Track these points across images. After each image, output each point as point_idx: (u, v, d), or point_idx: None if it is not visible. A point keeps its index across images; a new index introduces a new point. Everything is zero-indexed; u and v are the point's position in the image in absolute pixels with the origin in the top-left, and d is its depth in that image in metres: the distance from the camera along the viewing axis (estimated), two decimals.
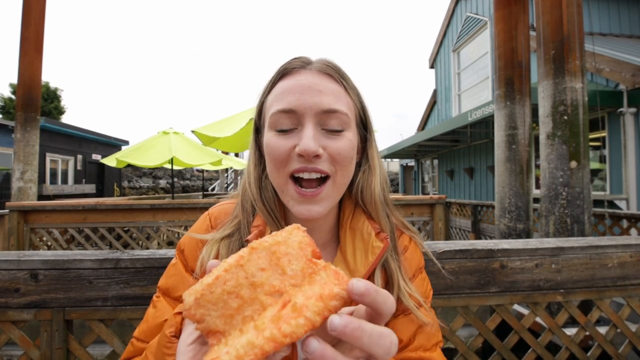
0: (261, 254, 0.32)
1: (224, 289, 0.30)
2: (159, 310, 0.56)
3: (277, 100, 0.55)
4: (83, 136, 14.73)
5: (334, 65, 0.58)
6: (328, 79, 0.56)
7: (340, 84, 0.56)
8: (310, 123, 0.53)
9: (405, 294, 0.57)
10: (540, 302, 1.11)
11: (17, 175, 4.50)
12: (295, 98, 0.53)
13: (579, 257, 1.12)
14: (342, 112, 0.54)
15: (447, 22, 10.97)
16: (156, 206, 3.76)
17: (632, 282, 1.14)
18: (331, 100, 0.54)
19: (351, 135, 0.56)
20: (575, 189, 2.68)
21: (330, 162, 0.54)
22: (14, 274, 0.95)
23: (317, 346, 0.28)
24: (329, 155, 0.53)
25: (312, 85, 0.54)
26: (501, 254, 1.08)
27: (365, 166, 0.62)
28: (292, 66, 0.57)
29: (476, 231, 5.64)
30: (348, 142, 0.55)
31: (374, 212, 0.60)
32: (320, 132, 0.54)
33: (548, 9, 2.85)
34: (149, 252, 1.01)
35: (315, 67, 0.56)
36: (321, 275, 0.31)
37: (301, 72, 0.55)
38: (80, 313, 0.97)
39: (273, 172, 0.56)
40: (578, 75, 2.73)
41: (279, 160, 0.54)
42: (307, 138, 0.51)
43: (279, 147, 0.53)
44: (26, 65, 4.65)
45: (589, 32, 6.91)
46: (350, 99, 0.57)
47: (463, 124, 7.09)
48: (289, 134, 0.54)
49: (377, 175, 0.61)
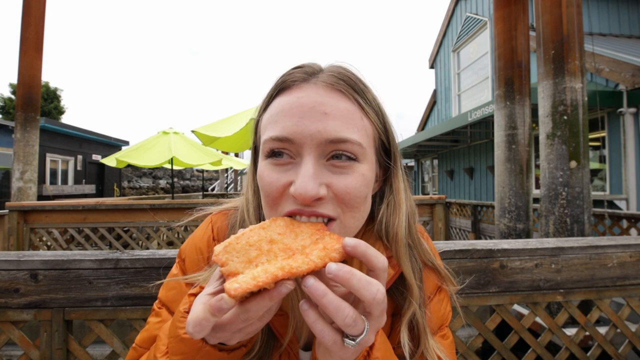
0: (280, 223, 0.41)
1: (247, 241, 0.37)
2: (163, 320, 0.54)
3: (271, 123, 0.45)
4: (83, 136, 14.74)
5: (347, 75, 0.46)
6: (338, 95, 0.44)
7: (355, 102, 0.45)
8: (310, 156, 0.43)
9: (430, 352, 0.50)
10: (540, 302, 1.11)
11: (17, 175, 4.50)
12: (292, 123, 0.43)
13: (579, 257, 1.11)
14: (354, 141, 0.43)
15: (447, 22, 10.97)
16: (156, 206, 3.76)
17: (631, 282, 1.14)
18: (339, 126, 0.43)
19: (365, 168, 0.45)
20: (575, 189, 2.68)
21: (336, 203, 0.44)
22: (14, 274, 0.95)
23: (313, 282, 0.33)
24: (334, 195, 0.43)
25: (316, 106, 0.43)
26: (501, 254, 1.08)
27: (390, 198, 0.51)
28: (293, 78, 0.46)
29: (476, 231, 5.64)
30: (360, 179, 0.44)
31: (395, 254, 0.50)
32: (323, 165, 0.44)
33: (548, 9, 2.85)
34: (148, 252, 1.01)
35: (322, 79, 0.45)
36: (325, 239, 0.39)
37: (303, 87, 0.45)
38: (80, 313, 0.96)
39: (266, 208, 0.47)
40: (578, 75, 2.73)
41: (272, 198, 0.45)
42: (304, 177, 0.41)
43: (272, 183, 0.44)
44: (26, 65, 4.65)
45: (589, 32, 6.91)
46: (367, 121, 0.46)
47: (463, 124, 7.09)
48: (284, 166, 0.44)
49: (402, 212, 0.51)
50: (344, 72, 0.47)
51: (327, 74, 0.46)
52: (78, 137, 14.52)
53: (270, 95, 0.48)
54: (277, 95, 0.47)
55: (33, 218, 3.65)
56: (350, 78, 0.46)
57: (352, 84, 0.46)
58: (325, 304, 0.32)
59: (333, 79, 0.45)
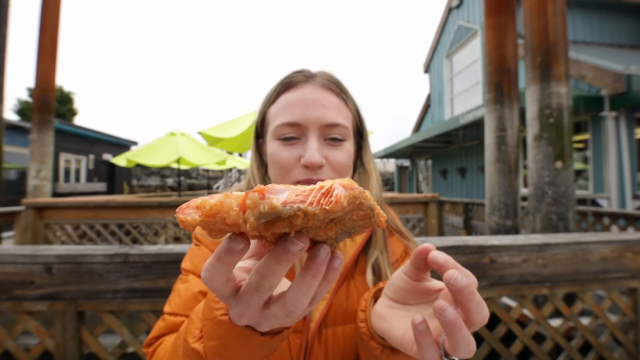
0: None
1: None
2: (191, 283, 0.54)
3: (282, 112, 0.55)
4: (95, 137, 14.70)
5: (335, 80, 0.59)
6: (330, 93, 0.56)
7: (341, 98, 0.57)
8: (314, 136, 0.54)
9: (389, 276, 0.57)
10: (527, 295, 1.11)
11: (33, 173, 4.49)
12: (300, 112, 0.54)
13: (564, 252, 1.12)
14: (343, 125, 0.56)
15: (440, 30, 10.95)
16: (164, 204, 3.76)
17: (612, 275, 1.14)
18: (333, 114, 0.55)
19: (349, 145, 0.57)
20: (560, 188, 2.68)
21: (331, 171, 0.55)
22: (30, 268, 0.95)
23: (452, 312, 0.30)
24: (330, 165, 0.55)
25: (316, 100, 0.55)
26: (491, 250, 1.08)
27: (360, 169, 0.63)
28: (296, 80, 0.57)
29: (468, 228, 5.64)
30: (347, 153, 0.56)
31: None
32: (322, 143, 0.55)
33: (535, 18, 2.84)
34: (156, 247, 1.01)
35: (318, 81, 0.57)
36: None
37: (305, 86, 0.56)
38: (91, 305, 0.96)
39: (277, 178, 0.56)
40: (563, 80, 2.72)
41: (285, 169, 0.54)
42: (312, 150, 0.52)
43: (285, 157, 0.54)
44: (42, 70, 4.63)
45: (573, 41, 6.91)
46: (349, 112, 0.59)
47: (455, 126, 7.09)
48: (293, 145, 0.55)
49: (373, 178, 0.62)
50: (332, 77, 0.59)
51: (321, 78, 0.57)
52: (90, 138, 14.48)
53: (277, 92, 0.58)
54: (283, 92, 0.57)
55: (48, 214, 3.64)
56: (337, 80, 0.59)
57: (339, 85, 0.58)
58: (459, 340, 0.30)
59: (326, 82, 0.57)
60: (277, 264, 0.25)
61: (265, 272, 0.26)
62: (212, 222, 0.22)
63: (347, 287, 0.56)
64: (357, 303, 0.55)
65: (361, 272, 0.58)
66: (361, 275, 0.57)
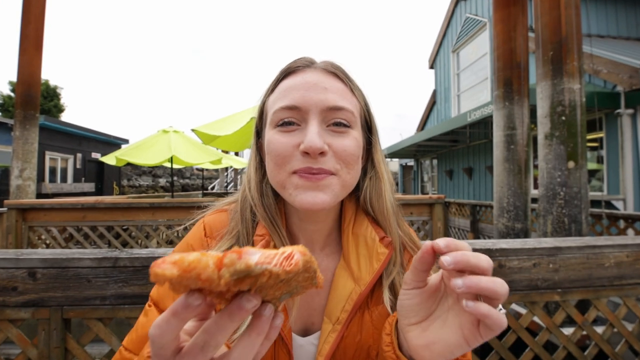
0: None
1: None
2: (150, 320, 0.52)
3: (280, 98, 0.53)
4: (82, 134, 14.69)
5: (339, 65, 0.57)
6: (333, 77, 0.54)
7: (346, 84, 0.55)
8: (315, 120, 0.50)
9: None
10: (538, 302, 1.11)
11: (16, 173, 4.48)
12: (299, 95, 0.51)
13: (577, 256, 1.12)
14: (348, 109, 0.52)
15: (446, 22, 10.96)
16: (155, 205, 3.75)
17: (628, 281, 1.14)
18: (337, 97, 0.52)
19: (357, 134, 0.54)
20: (572, 189, 2.68)
21: (335, 160, 0.51)
22: (12, 273, 0.94)
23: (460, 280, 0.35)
24: (334, 153, 0.50)
25: (318, 83, 0.52)
26: (499, 254, 1.08)
27: (372, 172, 0.59)
28: (297, 65, 0.55)
29: (475, 231, 5.65)
30: (354, 141, 0.52)
31: (386, 223, 0.57)
32: (325, 129, 0.51)
33: (547, 11, 2.85)
34: (147, 250, 1.00)
35: (320, 66, 0.55)
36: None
37: (306, 71, 0.54)
38: (78, 312, 0.96)
39: (274, 170, 0.52)
40: (576, 76, 2.73)
41: (281, 157, 0.50)
42: (312, 134, 0.49)
43: (282, 144, 0.51)
44: (26, 63, 4.63)
45: (587, 34, 6.92)
46: (355, 99, 0.55)
47: (462, 124, 7.09)
48: (292, 132, 0.51)
49: (386, 182, 0.58)
50: (336, 63, 0.57)
51: (324, 63, 0.56)
52: (77, 135, 14.47)
53: (276, 80, 0.56)
54: (283, 79, 0.55)
55: (32, 216, 3.63)
56: (341, 67, 0.57)
57: (343, 71, 0.56)
58: (485, 285, 0.34)
59: (329, 66, 0.55)
60: (230, 320, 0.28)
61: (215, 330, 0.28)
62: (187, 278, 0.26)
63: (361, 318, 0.53)
64: (371, 337, 0.52)
65: (377, 302, 0.54)
66: (377, 306, 0.54)
